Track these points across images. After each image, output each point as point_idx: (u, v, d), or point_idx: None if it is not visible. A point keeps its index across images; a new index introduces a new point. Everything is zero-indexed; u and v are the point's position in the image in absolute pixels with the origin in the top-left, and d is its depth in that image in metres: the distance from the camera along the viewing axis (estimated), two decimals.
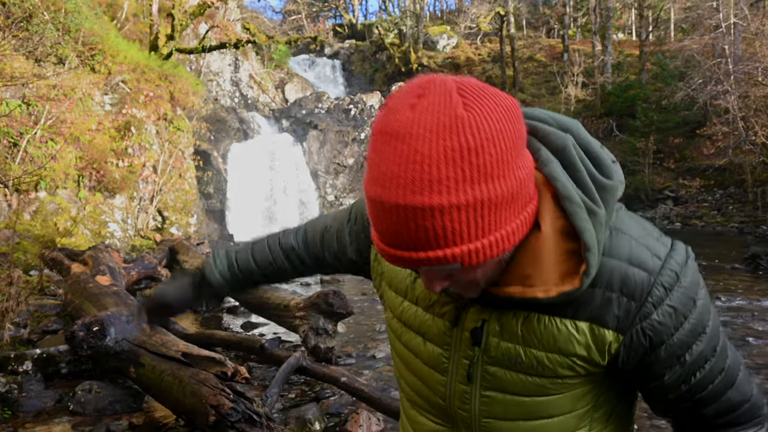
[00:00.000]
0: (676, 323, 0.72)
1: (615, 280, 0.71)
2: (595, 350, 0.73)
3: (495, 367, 0.78)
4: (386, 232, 0.63)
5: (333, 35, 30.68)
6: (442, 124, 0.58)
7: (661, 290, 0.71)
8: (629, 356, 0.74)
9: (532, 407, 0.79)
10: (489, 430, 0.81)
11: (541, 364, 0.75)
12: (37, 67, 9.45)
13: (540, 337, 0.74)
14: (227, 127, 17.74)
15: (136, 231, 10.57)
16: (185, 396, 2.81)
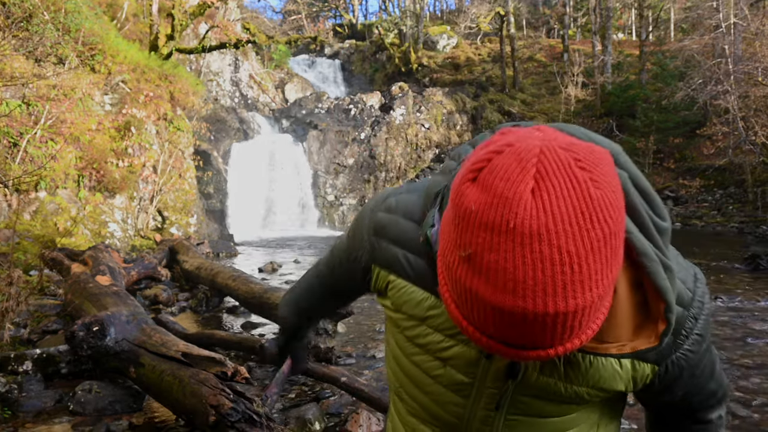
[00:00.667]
0: (699, 347, 0.76)
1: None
2: (632, 382, 0.75)
3: (529, 398, 0.76)
4: (507, 335, 0.56)
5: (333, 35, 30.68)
6: (581, 213, 0.52)
7: (692, 322, 0.74)
8: (660, 382, 0.77)
9: (554, 425, 0.79)
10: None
11: (579, 397, 0.75)
12: (37, 67, 9.45)
13: (584, 374, 0.72)
14: (227, 127, 17.75)
15: (136, 231, 10.57)
16: (185, 396, 2.81)
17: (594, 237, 0.52)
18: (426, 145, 20.07)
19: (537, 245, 0.51)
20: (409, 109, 20.15)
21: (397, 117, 19.77)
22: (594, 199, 0.53)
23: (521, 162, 0.54)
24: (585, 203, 0.52)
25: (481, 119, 21.11)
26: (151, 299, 6.22)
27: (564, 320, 0.54)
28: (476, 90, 22.83)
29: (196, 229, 12.08)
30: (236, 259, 10.83)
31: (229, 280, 5.66)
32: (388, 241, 0.83)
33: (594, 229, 0.52)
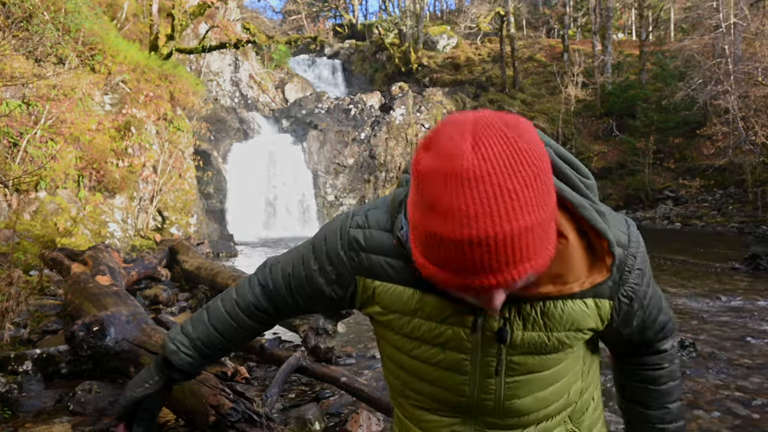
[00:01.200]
0: (644, 282, 0.89)
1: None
2: (599, 319, 0.88)
3: (520, 356, 0.86)
4: (468, 266, 0.67)
5: (333, 35, 30.68)
6: (513, 159, 0.66)
7: (632, 259, 0.87)
8: (618, 316, 0.90)
9: (548, 378, 0.90)
10: (511, 409, 0.90)
11: (562, 343, 0.86)
12: (37, 67, 9.45)
13: (560, 320, 0.84)
14: (227, 127, 17.74)
15: (136, 231, 10.57)
16: (185, 396, 2.81)
17: (525, 174, 0.66)
18: None
19: (481, 185, 0.65)
20: (409, 109, 20.15)
21: (397, 117, 19.77)
22: (522, 149, 0.67)
23: (461, 127, 0.69)
24: (515, 151, 0.66)
25: None
26: (151, 299, 6.21)
27: (509, 242, 0.65)
28: (476, 90, 22.84)
29: (196, 229, 12.08)
30: (236, 259, 10.83)
31: (229, 280, 5.66)
32: (368, 252, 0.90)
33: (524, 169, 0.66)
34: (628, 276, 0.87)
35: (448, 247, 0.67)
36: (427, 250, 0.70)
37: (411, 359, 0.91)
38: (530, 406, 0.90)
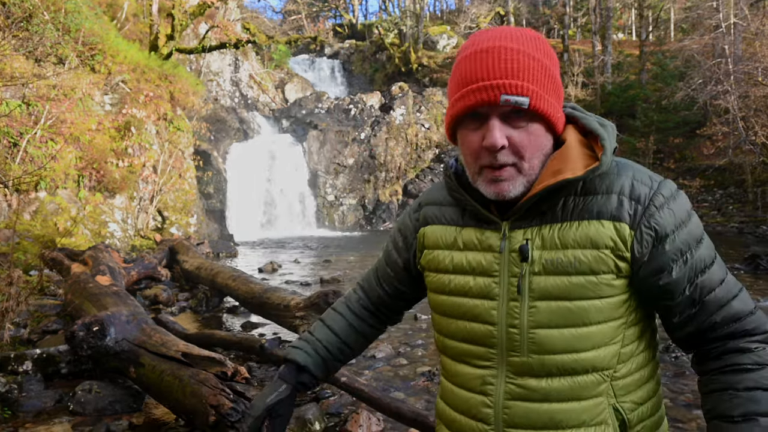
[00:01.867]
0: (676, 222, 0.89)
1: (625, 188, 0.90)
2: (619, 241, 0.89)
3: (540, 276, 0.91)
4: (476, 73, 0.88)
5: (333, 35, 30.68)
6: (526, 35, 0.91)
7: (661, 198, 0.90)
8: (642, 248, 0.89)
9: (574, 313, 0.89)
10: (536, 341, 0.90)
11: (578, 260, 0.89)
12: (37, 67, 9.45)
13: (575, 238, 0.90)
14: (227, 127, 17.74)
15: (136, 231, 10.57)
16: (185, 396, 2.81)
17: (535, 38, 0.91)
18: (426, 145, 20.07)
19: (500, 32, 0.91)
20: (409, 109, 20.15)
21: (397, 117, 19.77)
22: (534, 35, 0.92)
23: (491, 30, 0.94)
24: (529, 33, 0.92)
25: None
26: (151, 299, 6.22)
27: (511, 54, 0.87)
28: None
29: (196, 229, 12.08)
30: (236, 259, 10.84)
31: (229, 280, 5.66)
32: (426, 205, 1.10)
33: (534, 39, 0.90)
34: (653, 210, 0.88)
35: (463, 64, 0.90)
36: (450, 90, 0.93)
37: (448, 297, 1.00)
38: (554, 342, 0.89)
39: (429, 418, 2.93)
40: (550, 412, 0.90)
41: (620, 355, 0.91)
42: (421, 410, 3.06)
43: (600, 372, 0.90)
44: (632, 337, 0.93)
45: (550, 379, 0.90)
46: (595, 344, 0.89)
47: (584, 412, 0.90)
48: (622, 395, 0.92)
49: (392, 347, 4.63)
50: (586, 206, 0.90)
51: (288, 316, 4.49)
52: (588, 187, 0.91)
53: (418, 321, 5.55)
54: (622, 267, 0.89)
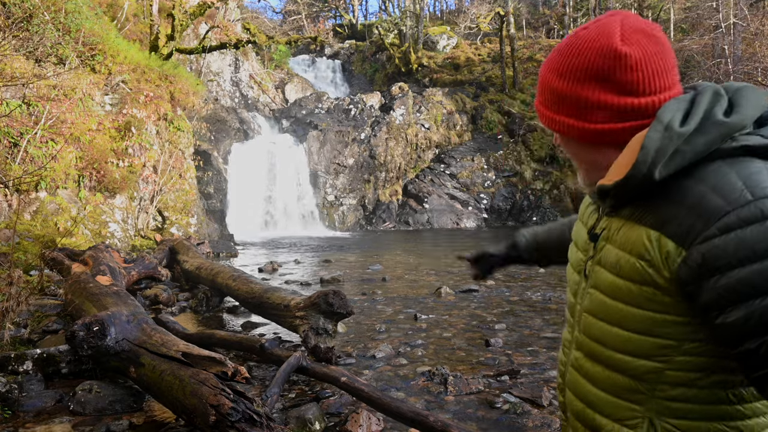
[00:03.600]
0: (741, 257, 0.73)
1: (690, 199, 0.79)
2: (657, 254, 0.81)
3: (597, 266, 0.94)
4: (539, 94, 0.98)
5: (333, 35, 30.67)
6: (553, 51, 0.95)
7: (734, 219, 0.74)
8: (687, 275, 0.78)
9: (613, 311, 0.89)
10: (584, 323, 0.97)
11: (618, 262, 0.88)
12: (37, 67, 9.45)
13: (625, 239, 0.87)
14: (227, 128, 17.75)
15: (137, 231, 10.58)
16: (185, 396, 2.82)
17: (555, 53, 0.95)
18: (426, 145, 20.07)
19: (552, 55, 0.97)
20: (409, 109, 20.15)
21: (397, 117, 19.77)
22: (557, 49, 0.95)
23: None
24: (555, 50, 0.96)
25: (481, 119, 21.11)
26: (152, 299, 6.22)
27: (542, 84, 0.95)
28: (476, 90, 22.83)
29: (197, 229, 12.08)
30: (236, 259, 10.84)
31: (230, 280, 5.66)
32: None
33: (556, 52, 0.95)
34: (713, 233, 0.75)
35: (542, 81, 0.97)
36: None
37: (569, 267, 1.07)
38: (594, 331, 0.93)
39: (429, 418, 2.93)
40: (587, 391, 0.96)
41: (664, 376, 0.85)
42: (421, 410, 3.06)
43: (636, 380, 0.88)
44: (689, 365, 0.84)
45: (591, 361, 0.95)
46: (630, 350, 0.87)
47: (616, 408, 0.91)
48: (666, 415, 0.87)
49: (392, 347, 4.63)
50: (652, 209, 0.84)
51: (288, 316, 4.50)
52: (666, 187, 0.82)
53: (418, 321, 5.56)
54: (662, 285, 0.81)
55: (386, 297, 6.79)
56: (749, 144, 0.79)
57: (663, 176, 0.81)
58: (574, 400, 1.00)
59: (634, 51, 0.84)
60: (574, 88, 0.89)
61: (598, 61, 0.86)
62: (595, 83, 0.86)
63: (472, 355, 4.49)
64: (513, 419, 3.25)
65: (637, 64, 0.84)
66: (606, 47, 0.85)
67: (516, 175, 19.59)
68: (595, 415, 0.95)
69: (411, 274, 8.62)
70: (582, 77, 0.87)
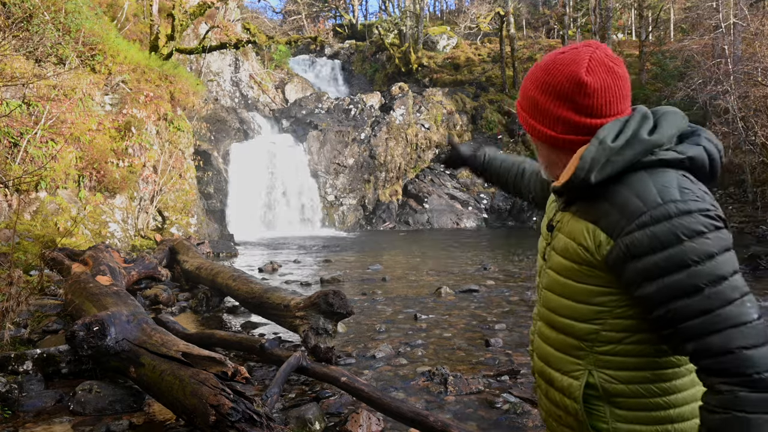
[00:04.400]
0: (653, 245, 0.95)
1: (618, 200, 1.00)
2: (591, 243, 1.03)
3: (552, 251, 1.16)
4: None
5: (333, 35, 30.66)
6: (535, 67, 1.12)
7: (648, 218, 0.95)
8: (614, 260, 0.99)
9: (562, 286, 1.12)
10: (543, 297, 1.19)
11: (566, 247, 1.10)
12: (37, 67, 9.45)
13: (570, 229, 1.09)
14: (227, 128, 17.74)
15: (137, 231, 10.57)
16: (185, 396, 2.82)
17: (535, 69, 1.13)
18: (426, 145, 20.07)
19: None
20: (409, 109, 20.15)
21: (397, 117, 19.77)
22: (537, 65, 1.12)
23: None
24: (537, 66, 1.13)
25: (480, 119, 21.11)
26: (152, 299, 6.22)
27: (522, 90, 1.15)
28: (476, 90, 22.82)
29: (197, 229, 12.08)
30: (236, 259, 10.84)
31: (230, 280, 5.66)
32: None
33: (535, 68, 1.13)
34: (633, 228, 0.96)
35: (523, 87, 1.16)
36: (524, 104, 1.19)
37: (540, 245, 1.26)
38: (551, 303, 1.15)
39: (429, 417, 2.93)
40: (546, 352, 1.19)
41: (600, 335, 1.07)
42: (421, 410, 3.06)
43: (579, 339, 1.10)
44: (618, 327, 1.05)
45: (548, 328, 1.17)
46: (575, 316, 1.10)
47: (564, 363, 1.13)
48: (601, 367, 1.08)
49: (392, 347, 4.63)
50: (589, 206, 1.06)
51: (288, 316, 4.50)
52: (602, 190, 1.03)
53: (418, 321, 5.56)
54: (597, 264, 1.03)
55: (386, 297, 6.79)
56: (665, 158, 1.01)
57: (598, 180, 1.01)
58: (537, 361, 1.23)
59: (593, 81, 1.04)
60: (545, 101, 1.08)
61: (566, 85, 1.05)
62: (560, 101, 1.06)
63: (472, 355, 4.49)
64: (513, 419, 3.25)
65: (595, 93, 1.04)
66: (573, 74, 1.04)
67: None
68: (550, 371, 1.17)
69: (411, 274, 8.61)
70: (553, 94, 1.07)
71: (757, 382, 0.87)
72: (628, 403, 1.06)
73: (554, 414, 1.19)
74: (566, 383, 1.12)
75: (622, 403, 1.06)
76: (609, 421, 1.08)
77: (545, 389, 1.20)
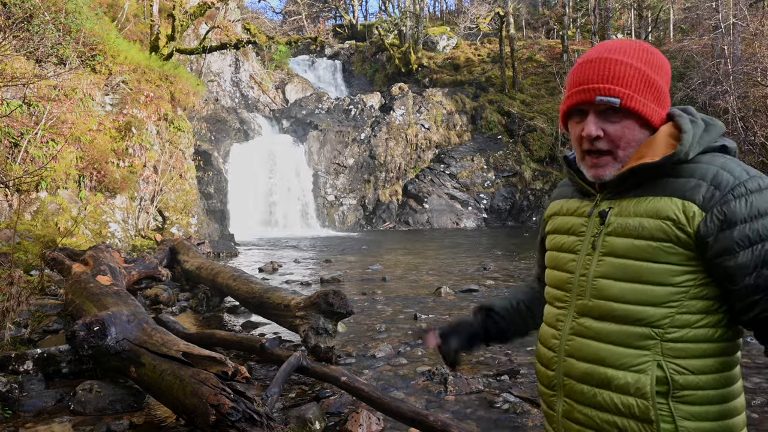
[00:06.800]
0: (751, 213, 0.98)
1: (708, 175, 1.03)
2: (683, 216, 1.02)
3: (611, 237, 1.10)
4: (580, 79, 1.11)
5: (333, 36, 30.67)
6: (633, 48, 1.11)
7: (743, 189, 1.00)
8: (708, 229, 1.00)
9: (632, 269, 1.06)
10: (597, 288, 1.10)
11: (642, 226, 1.05)
12: (37, 67, 9.46)
13: (645, 209, 1.07)
14: (228, 128, 17.75)
15: (137, 231, 10.58)
16: (186, 395, 2.82)
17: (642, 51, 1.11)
18: (426, 146, 20.08)
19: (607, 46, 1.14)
20: (409, 109, 20.16)
21: (397, 117, 19.78)
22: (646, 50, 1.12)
23: (603, 43, 1.16)
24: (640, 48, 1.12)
25: (480, 119, 21.12)
26: (152, 299, 6.23)
27: (607, 63, 1.09)
28: (476, 90, 22.84)
29: (197, 229, 12.09)
30: (237, 259, 10.85)
31: (230, 279, 5.67)
32: (551, 199, 1.36)
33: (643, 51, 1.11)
34: (730, 198, 0.99)
35: (575, 70, 1.13)
36: (565, 90, 1.15)
37: (551, 251, 1.25)
38: (611, 291, 1.08)
39: (429, 417, 2.94)
40: (597, 349, 1.08)
41: (674, 320, 1.03)
42: (421, 409, 3.07)
43: (649, 327, 1.04)
44: (693, 308, 1.03)
45: (602, 321, 1.09)
46: (647, 300, 1.04)
47: (626, 357, 1.05)
48: (671, 357, 1.03)
49: (392, 347, 4.64)
50: (665, 186, 1.06)
51: (288, 315, 4.50)
52: (675, 171, 1.06)
53: (418, 321, 5.57)
54: (683, 240, 1.02)
55: (386, 297, 6.80)
56: (726, 144, 1.10)
57: (690, 157, 1.05)
58: (576, 364, 1.12)
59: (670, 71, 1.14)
60: (659, 80, 1.11)
61: (666, 66, 1.13)
62: (665, 82, 1.13)
63: (472, 354, 4.50)
64: (513, 419, 3.26)
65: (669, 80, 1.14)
66: (665, 63, 1.13)
67: (516, 175, 19.60)
68: (606, 370, 1.07)
69: (411, 274, 8.62)
70: (661, 74, 1.11)
71: None
72: (697, 396, 1.02)
73: (603, 424, 1.07)
74: (631, 379, 1.04)
75: (689, 397, 1.02)
76: (675, 420, 1.02)
77: (591, 395, 1.09)
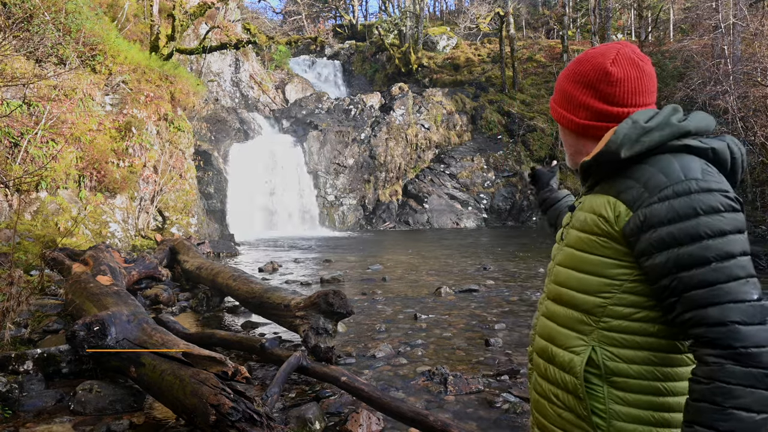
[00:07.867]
0: (670, 217, 0.99)
1: (642, 176, 1.05)
2: (612, 214, 1.07)
3: (572, 230, 1.19)
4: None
5: (333, 36, 30.68)
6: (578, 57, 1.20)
7: (670, 192, 1.00)
8: (631, 229, 1.04)
9: (575, 258, 1.15)
10: (554, 273, 1.23)
11: (585, 220, 1.14)
12: (37, 67, 9.46)
13: (590, 204, 1.14)
14: (228, 128, 17.75)
15: (137, 231, 10.58)
16: (186, 395, 2.82)
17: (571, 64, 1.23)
18: (426, 146, 20.07)
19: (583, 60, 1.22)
20: (409, 109, 20.16)
21: (397, 117, 19.78)
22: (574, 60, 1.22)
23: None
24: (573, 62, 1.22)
25: (480, 119, 21.12)
26: (152, 299, 6.23)
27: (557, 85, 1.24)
28: (476, 90, 22.83)
29: (197, 229, 12.09)
30: (237, 258, 10.85)
31: (230, 279, 5.67)
32: None
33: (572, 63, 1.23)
34: (654, 200, 1.01)
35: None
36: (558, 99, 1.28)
37: (554, 246, 1.31)
38: (561, 277, 1.18)
39: (429, 417, 2.94)
40: (550, 329, 1.20)
41: (607, 310, 1.09)
42: (421, 410, 3.07)
43: (585, 313, 1.12)
44: (626, 301, 1.07)
45: (555, 304, 1.20)
46: (584, 289, 1.12)
47: (568, 338, 1.15)
48: (606, 344, 1.09)
49: (392, 347, 4.64)
50: (612, 184, 1.10)
51: (288, 315, 4.50)
52: (629, 171, 1.08)
53: (418, 321, 5.57)
54: (615, 236, 1.07)
55: (386, 297, 6.80)
56: (691, 144, 1.06)
57: (626, 156, 1.06)
58: (539, 340, 1.24)
59: (617, 71, 1.12)
60: (572, 89, 1.18)
61: (591, 73, 1.15)
62: (586, 89, 1.16)
63: (472, 354, 4.50)
64: (513, 419, 3.26)
65: (617, 82, 1.12)
66: (599, 64, 1.14)
67: (516, 175, 19.60)
68: (552, 347, 1.18)
69: (411, 274, 8.62)
70: (580, 82, 1.16)
71: (743, 356, 0.91)
72: (628, 384, 1.06)
73: (549, 394, 1.19)
74: (567, 358, 1.13)
75: (621, 383, 1.07)
76: (606, 402, 1.08)
77: (544, 368, 1.21)
